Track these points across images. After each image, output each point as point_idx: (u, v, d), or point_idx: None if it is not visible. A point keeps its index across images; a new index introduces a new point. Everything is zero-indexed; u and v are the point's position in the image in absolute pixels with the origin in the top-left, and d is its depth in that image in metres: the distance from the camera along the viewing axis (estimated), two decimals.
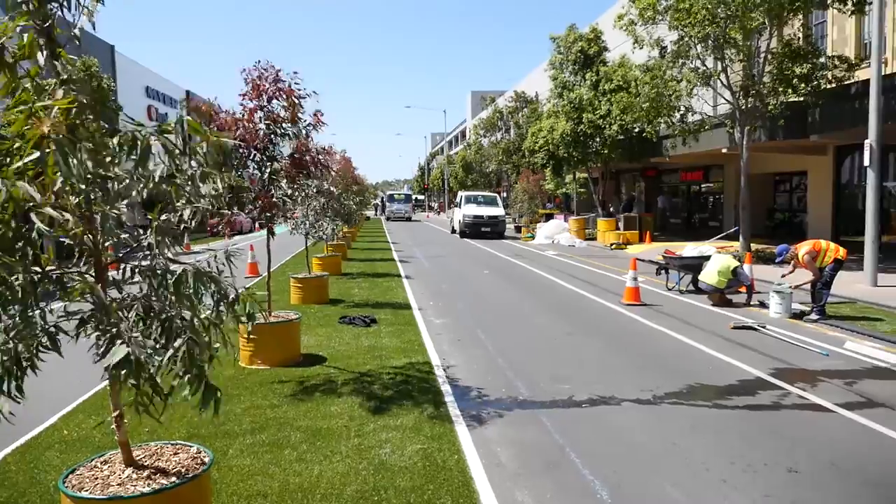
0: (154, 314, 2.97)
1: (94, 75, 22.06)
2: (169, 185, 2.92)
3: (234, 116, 7.10)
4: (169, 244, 3.02)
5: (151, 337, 2.93)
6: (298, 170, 7.68)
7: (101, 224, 2.93)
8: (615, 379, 6.81)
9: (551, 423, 5.48)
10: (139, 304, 2.98)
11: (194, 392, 2.92)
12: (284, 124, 7.26)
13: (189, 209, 3.06)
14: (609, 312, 10.92)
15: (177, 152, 2.87)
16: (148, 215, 3.07)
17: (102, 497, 2.99)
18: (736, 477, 4.44)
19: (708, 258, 11.79)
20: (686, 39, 16.91)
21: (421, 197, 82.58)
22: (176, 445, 3.54)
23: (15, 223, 2.63)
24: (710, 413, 5.80)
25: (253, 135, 7.07)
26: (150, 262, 3.01)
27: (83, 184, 2.67)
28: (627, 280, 11.76)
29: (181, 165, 2.90)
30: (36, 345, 2.82)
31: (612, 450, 4.93)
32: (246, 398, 6.03)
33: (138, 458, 3.33)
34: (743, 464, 4.65)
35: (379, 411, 5.65)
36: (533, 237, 28.81)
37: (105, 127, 2.89)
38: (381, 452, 4.76)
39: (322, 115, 7.65)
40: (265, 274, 8.37)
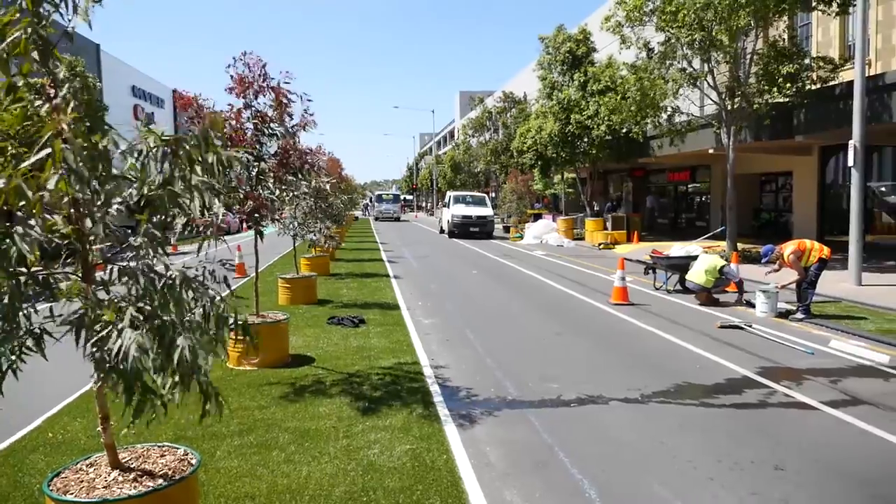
0: (147, 317, 2.94)
1: (80, 75, 21.88)
2: (164, 191, 2.90)
3: (222, 115, 7.04)
4: (156, 249, 3.00)
5: (146, 342, 2.90)
6: (285, 170, 7.63)
7: (94, 225, 2.90)
8: (603, 378, 6.84)
9: (540, 423, 5.49)
10: (132, 307, 2.95)
11: (202, 394, 2.91)
12: (272, 124, 7.21)
13: (182, 218, 3.05)
14: (597, 312, 10.96)
15: (185, 165, 2.86)
16: (136, 217, 3.05)
17: (88, 500, 2.96)
18: (723, 475, 4.47)
19: (695, 258, 11.87)
20: (673, 41, 17.03)
21: (409, 197, 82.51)
22: (163, 447, 3.52)
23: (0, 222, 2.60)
24: (698, 412, 5.84)
25: (240, 134, 7.02)
26: (136, 265, 2.98)
27: (82, 184, 2.64)
28: (615, 280, 11.82)
29: (185, 175, 2.89)
30: (20, 347, 2.79)
31: (601, 449, 4.95)
32: (234, 399, 5.99)
33: (124, 461, 3.31)
34: (730, 462, 4.68)
35: (368, 412, 5.64)
36: (521, 237, 28.87)
37: (92, 127, 2.87)
38: (370, 453, 4.75)
39: (312, 116, 7.61)
40: (253, 275, 8.33)
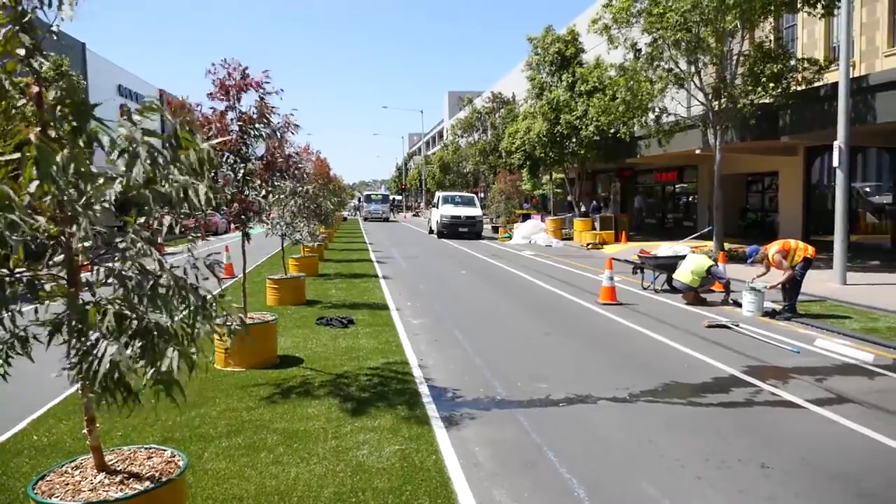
0: (129, 319, 2.91)
1: (65, 74, 21.67)
2: (148, 190, 2.88)
3: (206, 117, 7.00)
4: (144, 249, 2.97)
5: (124, 342, 2.88)
6: (271, 171, 7.60)
7: (78, 225, 2.88)
8: (592, 378, 6.87)
9: (529, 423, 5.51)
10: (113, 309, 2.92)
11: (165, 392, 2.89)
12: (257, 125, 7.18)
13: (169, 217, 3.03)
14: (586, 312, 11.00)
15: (160, 161, 2.83)
16: (121, 217, 3.02)
17: (74, 503, 2.93)
18: (711, 473, 4.51)
19: (682, 258, 11.94)
20: (659, 42, 17.13)
21: (399, 197, 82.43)
22: (150, 449, 3.49)
23: None
24: (685, 411, 5.88)
25: (225, 136, 6.98)
26: (122, 266, 2.96)
27: (62, 185, 2.62)
28: (604, 280, 11.87)
29: (167, 173, 2.87)
30: (5, 350, 2.76)
31: (589, 448, 4.96)
32: (221, 401, 5.96)
33: (111, 463, 3.28)
34: (717, 460, 4.71)
35: (356, 413, 5.63)
36: (510, 237, 28.92)
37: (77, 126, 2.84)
38: (359, 454, 4.74)
39: (294, 116, 7.59)
40: (241, 275, 8.29)
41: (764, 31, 18.43)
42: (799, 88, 16.44)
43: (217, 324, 3.17)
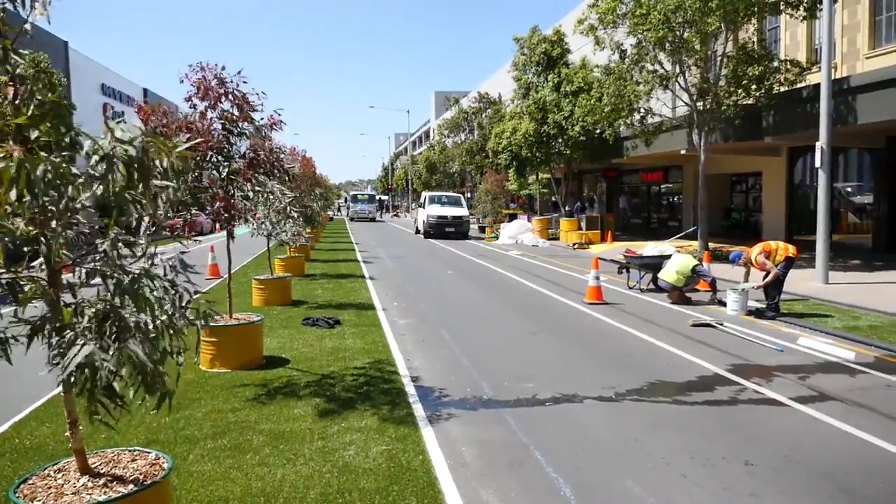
0: (110, 319, 2.89)
1: (45, 71, 21.40)
2: (131, 195, 2.86)
3: (187, 119, 6.93)
4: (123, 250, 2.94)
5: (105, 341, 2.85)
6: (254, 170, 7.54)
7: (57, 227, 2.85)
8: (578, 377, 6.90)
9: (515, 422, 5.52)
10: (93, 309, 2.89)
11: (153, 398, 2.87)
12: (240, 123, 7.12)
13: (147, 219, 3.00)
14: (572, 311, 11.04)
15: (136, 167, 2.81)
16: (103, 218, 2.99)
17: None
18: (696, 471, 4.54)
19: (668, 257, 12.03)
20: (644, 43, 17.24)
21: (385, 197, 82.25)
22: (134, 452, 3.46)
23: None
24: (671, 409, 5.92)
25: (207, 136, 6.91)
26: (103, 267, 2.93)
27: (40, 191, 2.59)
28: (590, 279, 11.92)
29: (141, 181, 2.85)
30: None
31: (576, 447, 4.98)
32: (206, 402, 5.92)
33: (94, 466, 3.24)
34: (702, 458, 4.75)
35: (343, 413, 5.61)
36: (497, 237, 28.97)
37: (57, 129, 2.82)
38: (346, 454, 4.73)
39: (280, 115, 7.54)
40: (226, 275, 8.24)
41: (747, 33, 18.61)
42: (782, 89, 16.62)
43: (197, 323, 3.15)
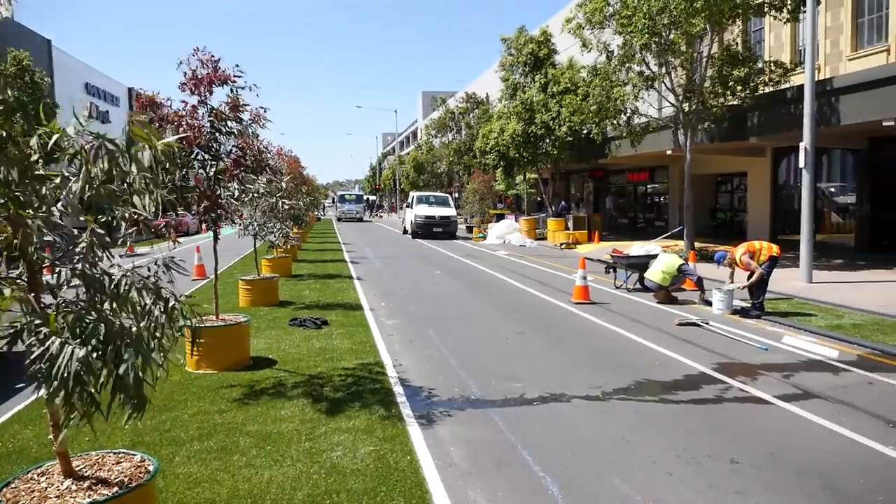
0: (91, 322, 2.85)
1: (27, 69, 21.17)
2: (106, 190, 2.82)
3: (177, 113, 6.89)
4: (102, 250, 2.91)
5: (87, 346, 2.81)
6: (241, 169, 7.49)
7: (32, 227, 2.81)
8: (566, 376, 6.92)
9: (503, 422, 5.53)
10: (74, 312, 2.85)
11: (129, 405, 2.84)
12: (229, 122, 7.08)
13: (126, 217, 2.97)
14: (559, 311, 11.08)
15: (119, 160, 2.78)
16: (83, 218, 2.96)
17: None
18: (682, 469, 4.57)
19: (654, 257, 12.10)
20: (631, 44, 17.33)
21: (373, 197, 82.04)
22: (119, 454, 3.43)
23: None
24: (657, 408, 5.96)
25: (196, 132, 6.87)
26: (82, 267, 2.89)
27: (7, 188, 2.56)
28: (577, 279, 11.97)
29: (124, 170, 2.81)
30: None
31: (563, 446, 5.00)
32: (193, 404, 5.88)
33: (78, 469, 3.21)
34: (688, 456, 4.78)
35: (330, 414, 5.59)
36: (484, 237, 29.00)
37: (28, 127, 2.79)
38: (333, 455, 4.72)
39: (265, 112, 7.50)
40: (212, 276, 8.19)
41: (732, 34, 18.77)
42: (766, 90, 16.78)
43: (179, 325, 3.13)
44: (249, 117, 7.36)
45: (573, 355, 7.96)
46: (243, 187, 7.87)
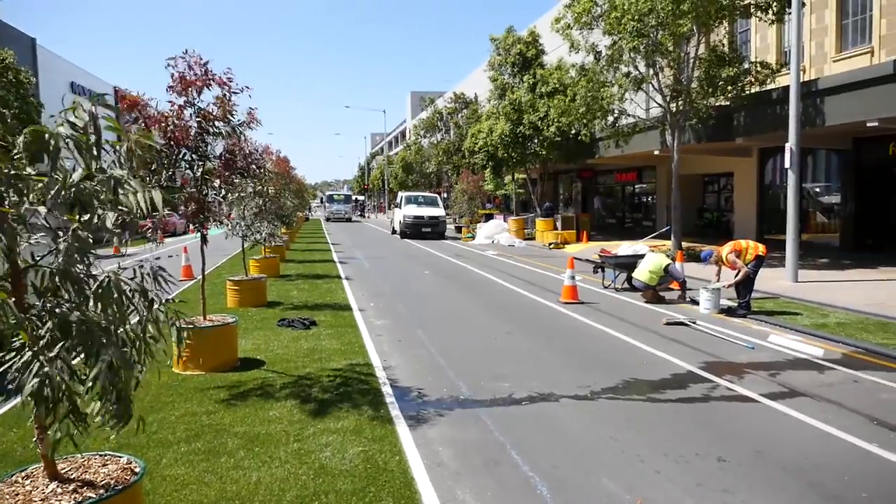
0: (73, 326, 2.81)
1: (10, 67, 20.95)
2: (87, 188, 2.79)
3: (164, 113, 6.81)
4: (84, 251, 2.87)
5: (70, 353, 2.78)
6: (230, 171, 7.44)
7: (12, 227, 2.77)
8: (554, 376, 6.94)
9: (492, 422, 5.53)
10: (55, 318, 2.80)
11: (114, 416, 2.82)
12: (217, 122, 7.02)
13: (111, 215, 2.93)
14: (548, 311, 11.11)
15: (94, 152, 2.74)
16: (66, 217, 2.92)
17: None
18: (670, 468, 4.60)
19: (642, 257, 12.16)
20: (619, 45, 17.42)
21: (361, 197, 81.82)
22: (105, 456, 3.40)
23: None
24: (645, 407, 5.98)
25: (183, 132, 6.81)
26: (64, 268, 2.85)
27: None
28: (565, 279, 12.01)
29: (102, 166, 2.78)
30: None
31: (552, 446, 5.01)
32: (180, 405, 5.84)
33: (63, 472, 3.18)
34: (676, 455, 4.81)
35: (319, 415, 5.58)
36: (473, 237, 29.03)
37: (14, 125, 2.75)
38: (322, 456, 4.70)
39: (256, 111, 7.46)
40: (199, 277, 8.13)
41: (719, 36, 18.90)
42: (753, 91, 16.91)
43: (164, 328, 3.10)
44: (244, 119, 7.31)
45: (562, 355, 7.98)
46: (230, 187, 7.83)
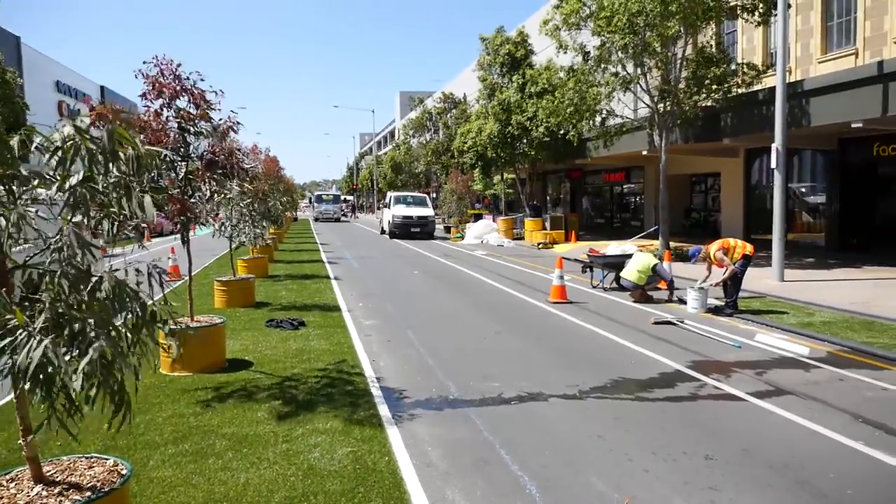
0: (66, 321, 2.80)
1: None
2: (85, 189, 2.78)
3: (145, 120, 6.75)
4: (78, 250, 2.86)
5: (62, 346, 2.77)
6: (211, 171, 7.37)
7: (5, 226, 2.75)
8: (543, 375, 6.96)
9: (481, 422, 5.54)
10: (48, 311, 2.80)
11: (112, 404, 2.80)
12: (198, 122, 6.96)
13: (108, 220, 2.93)
14: (537, 311, 11.14)
15: (100, 160, 2.74)
16: (59, 217, 2.91)
17: None
18: (657, 466, 4.62)
19: (630, 256, 12.22)
20: (608, 45, 17.50)
21: (350, 197, 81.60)
22: (91, 459, 3.37)
23: None
24: (633, 406, 6.01)
25: (163, 136, 6.75)
26: (60, 267, 2.84)
27: None
28: (554, 279, 12.04)
29: (105, 172, 2.77)
30: None
31: (541, 445, 5.03)
32: (167, 406, 5.80)
33: (49, 474, 3.16)
34: (664, 453, 4.84)
35: (307, 415, 5.56)
36: (462, 237, 29.04)
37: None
38: (311, 457, 4.69)
39: (236, 115, 7.41)
40: (186, 277, 8.08)
41: (706, 37, 19.03)
42: (739, 92, 17.04)
43: (160, 332, 3.09)
44: (223, 121, 7.26)
45: (550, 354, 8.01)
46: (216, 188, 7.77)
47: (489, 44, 27.44)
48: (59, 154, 2.69)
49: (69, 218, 2.87)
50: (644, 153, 21.06)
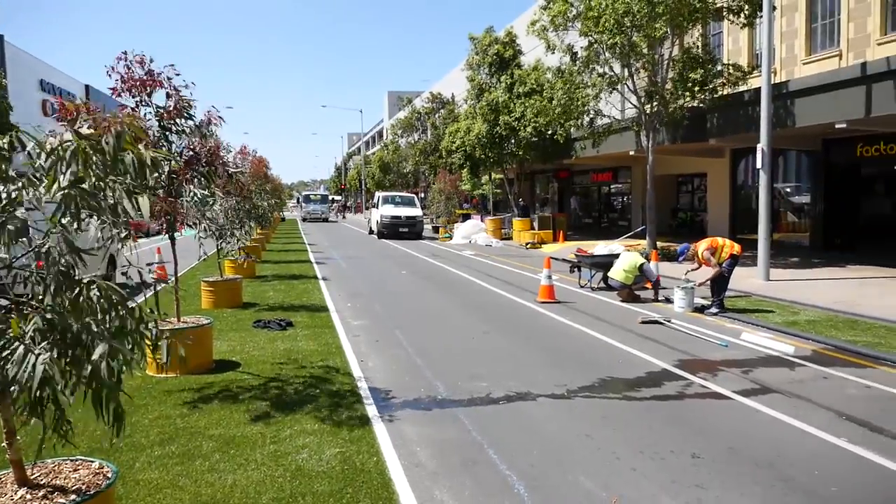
0: (56, 327, 2.76)
1: None
2: (75, 190, 2.75)
3: (115, 117, 6.66)
4: (66, 254, 2.83)
5: (54, 352, 2.74)
6: (192, 169, 7.28)
7: None
8: (531, 375, 6.97)
9: (470, 421, 5.54)
10: (39, 317, 2.76)
11: (107, 414, 2.78)
12: (178, 119, 6.87)
13: (97, 223, 2.90)
14: (525, 310, 11.16)
15: (98, 163, 2.72)
16: (51, 221, 2.87)
17: None
18: (645, 465, 4.65)
19: (617, 256, 12.28)
20: (595, 46, 17.57)
21: (338, 197, 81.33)
22: (76, 461, 3.34)
23: None
24: (621, 405, 6.04)
25: (142, 133, 6.65)
26: (48, 272, 2.81)
27: None
28: (542, 278, 12.07)
29: (104, 175, 2.75)
30: None
31: (529, 444, 5.04)
32: (154, 408, 5.76)
33: (33, 477, 3.13)
34: (651, 452, 4.87)
35: (295, 416, 5.54)
36: (450, 237, 29.05)
37: None
38: (298, 458, 4.67)
39: (217, 111, 7.33)
40: (172, 278, 8.02)
41: (692, 38, 19.16)
42: (725, 92, 17.17)
43: (148, 339, 3.07)
44: (204, 118, 7.18)
45: (539, 354, 8.03)
46: (205, 191, 7.71)
47: (478, 43, 27.46)
48: (54, 157, 2.66)
49: (58, 219, 2.84)
50: (631, 153, 21.17)
